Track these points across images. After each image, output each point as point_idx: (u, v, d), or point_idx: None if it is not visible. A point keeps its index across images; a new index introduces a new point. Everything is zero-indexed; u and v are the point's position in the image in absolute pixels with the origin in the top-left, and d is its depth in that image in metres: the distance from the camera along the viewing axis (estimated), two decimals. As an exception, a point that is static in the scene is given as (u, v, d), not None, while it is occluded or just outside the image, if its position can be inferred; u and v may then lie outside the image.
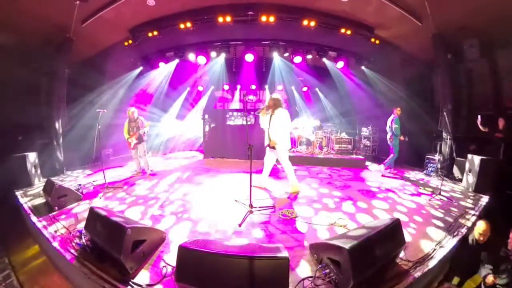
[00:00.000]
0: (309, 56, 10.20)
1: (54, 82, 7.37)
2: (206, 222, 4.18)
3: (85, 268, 3.11)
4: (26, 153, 6.47)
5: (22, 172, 6.38)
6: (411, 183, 6.74)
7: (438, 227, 4.14)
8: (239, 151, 8.43)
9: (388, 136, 7.60)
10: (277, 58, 10.92)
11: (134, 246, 2.97)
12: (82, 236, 3.60)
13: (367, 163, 8.97)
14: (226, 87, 12.29)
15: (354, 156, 9.49)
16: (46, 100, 7.41)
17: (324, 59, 10.31)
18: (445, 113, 6.20)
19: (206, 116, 9.89)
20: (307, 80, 11.84)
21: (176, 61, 10.59)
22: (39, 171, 6.93)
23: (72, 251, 3.45)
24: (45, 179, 5.76)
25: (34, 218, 4.60)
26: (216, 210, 4.64)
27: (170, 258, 3.17)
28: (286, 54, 10.38)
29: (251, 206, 4.24)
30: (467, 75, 7.71)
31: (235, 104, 12.42)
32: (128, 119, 7.01)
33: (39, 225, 4.34)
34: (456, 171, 7.19)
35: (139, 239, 3.08)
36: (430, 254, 3.35)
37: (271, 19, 8.05)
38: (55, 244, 3.68)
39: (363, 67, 10.42)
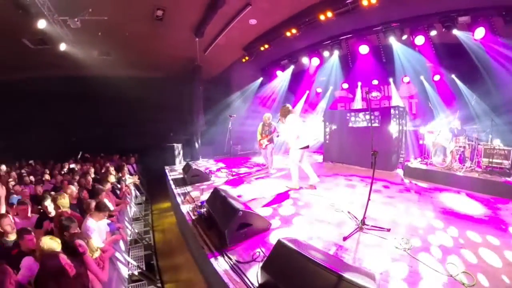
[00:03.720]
0: (433, 32, 7.49)
1: (192, 97, 10.80)
2: (311, 225, 4.00)
3: (195, 229, 3.91)
4: (174, 144, 10.01)
5: (171, 156, 9.93)
6: None
7: None
8: (362, 157, 7.27)
9: None
10: (395, 44, 8.66)
11: (240, 226, 3.39)
12: (202, 207, 4.44)
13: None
14: (345, 85, 11.00)
15: (512, 179, 5.55)
16: (189, 109, 11.05)
17: (455, 31, 7.12)
18: None
19: (326, 118, 9.24)
20: (438, 66, 8.29)
21: (292, 67, 11.13)
22: (181, 157, 10.38)
23: (192, 215, 4.45)
24: (185, 162, 8.69)
25: (173, 186, 6.52)
26: (324, 215, 4.31)
27: (266, 246, 3.32)
28: (405, 37, 8.10)
29: (363, 222, 3.70)
30: None
31: (358, 104, 10.76)
32: (263, 122, 7.63)
33: (175, 191, 6.03)
34: None
35: (246, 222, 3.46)
36: None
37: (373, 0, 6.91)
38: (182, 206, 4.94)
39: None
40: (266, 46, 9.85)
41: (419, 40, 7.89)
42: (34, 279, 2.52)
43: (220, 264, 2.96)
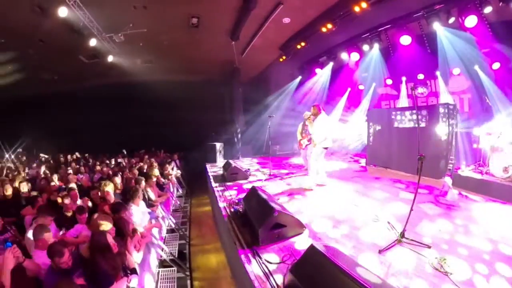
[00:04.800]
0: (488, 9, 6.40)
1: (232, 98, 11.20)
2: (346, 231, 3.78)
3: (230, 225, 4.04)
4: (215, 143, 10.51)
5: (212, 154, 10.44)
6: None
7: None
8: (407, 162, 6.54)
9: None
10: (441, 31, 7.76)
11: (274, 226, 3.40)
12: (239, 204, 4.61)
13: None
14: (389, 81, 10.23)
15: None
16: (229, 110, 11.49)
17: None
18: None
19: (370, 118, 8.47)
20: (496, 52, 7.00)
21: (331, 64, 10.77)
22: (222, 155, 10.86)
23: (228, 210, 4.62)
24: (225, 160, 9.06)
25: (212, 182, 6.94)
26: (361, 224, 4.01)
27: (297, 249, 3.30)
28: (452, 20, 7.13)
29: (402, 235, 3.40)
30: None
31: (403, 101, 9.95)
32: (303, 122, 7.49)
33: (214, 187, 6.40)
34: None
35: (281, 223, 3.45)
36: None
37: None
38: (219, 202, 5.16)
39: None
40: (303, 44, 9.70)
41: (471, 21, 6.77)
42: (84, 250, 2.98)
43: (249, 262, 3.02)
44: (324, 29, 8.48)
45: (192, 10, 7.81)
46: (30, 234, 3.31)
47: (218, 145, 10.57)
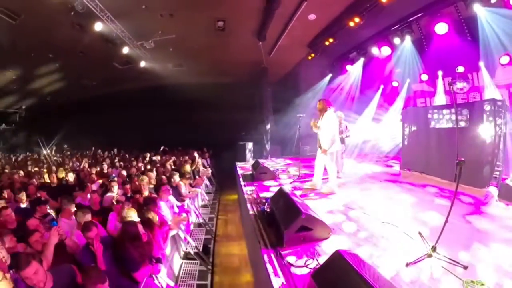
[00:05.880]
0: None
1: (262, 98, 11.30)
2: (373, 241, 3.52)
3: (256, 224, 4.10)
4: (245, 142, 10.85)
5: (242, 153, 10.84)
6: None
7: None
8: (444, 167, 5.80)
9: None
10: (482, 13, 6.80)
11: (300, 229, 3.35)
12: (266, 203, 4.59)
13: None
14: (425, 76, 9.28)
15: None
16: (259, 111, 11.67)
17: None
18: None
19: (404, 117, 7.75)
20: None
21: (361, 59, 10.32)
22: (252, 154, 11.16)
23: (255, 209, 4.70)
24: (255, 160, 9.41)
25: (241, 181, 7.15)
26: (390, 233, 3.73)
27: (321, 254, 3.18)
28: None
29: (434, 249, 3.06)
30: None
31: (440, 98, 9.02)
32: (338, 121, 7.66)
33: (243, 186, 6.58)
34: None
35: (307, 226, 3.38)
36: None
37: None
38: (247, 200, 5.27)
39: None
40: (331, 40, 9.41)
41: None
42: (115, 239, 3.36)
43: (271, 262, 3.02)
44: (351, 24, 8.04)
45: (217, 14, 8.03)
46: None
47: (248, 145, 10.90)
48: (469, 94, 8.36)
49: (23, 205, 4.95)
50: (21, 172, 8.09)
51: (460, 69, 8.31)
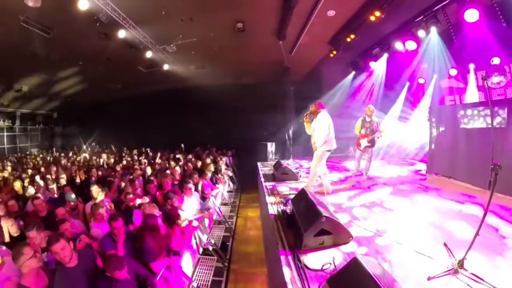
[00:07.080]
0: None
1: (284, 98, 11.35)
2: (393, 249, 3.36)
3: (275, 224, 4.13)
4: (267, 142, 10.98)
5: (264, 153, 10.96)
6: None
7: None
8: (476, 172, 5.31)
9: None
10: None
11: (319, 232, 3.31)
12: (287, 204, 4.63)
13: None
14: (453, 71, 8.54)
15: None
16: (281, 111, 11.75)
17: None
18: None
19: (432, 117, 7.17)
20: None
21: (385, 55, 9.80)
22: (273, 154, 11.26)
23: (275, 210, 4.71)
24: (276, 160, 9.50)
25: (262, 181, 7.21)
26: (413, 241, 3.51)
27: (338, 260, 3.11)
28: None
29: (461, 264, 2.75)
30: None
31: (472, 95, 8.27)
32: (363, 117, 7.19)
33: (264, 185, 6.60)
34: None
35: (327, 230, 3.33)
36: None
37: None
38: (268, 200, 5.31)
39: None
40: (352, 36, 9.01)
41: None
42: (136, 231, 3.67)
43: (288, 264, 3.01)
44: (372, 18, 7.53)
45: (236, 16, 8.15)
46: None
47: (270, 145, 10.97)
48: (507, 89, 7.61)
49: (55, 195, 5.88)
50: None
51: (496, 60, 7.55)
